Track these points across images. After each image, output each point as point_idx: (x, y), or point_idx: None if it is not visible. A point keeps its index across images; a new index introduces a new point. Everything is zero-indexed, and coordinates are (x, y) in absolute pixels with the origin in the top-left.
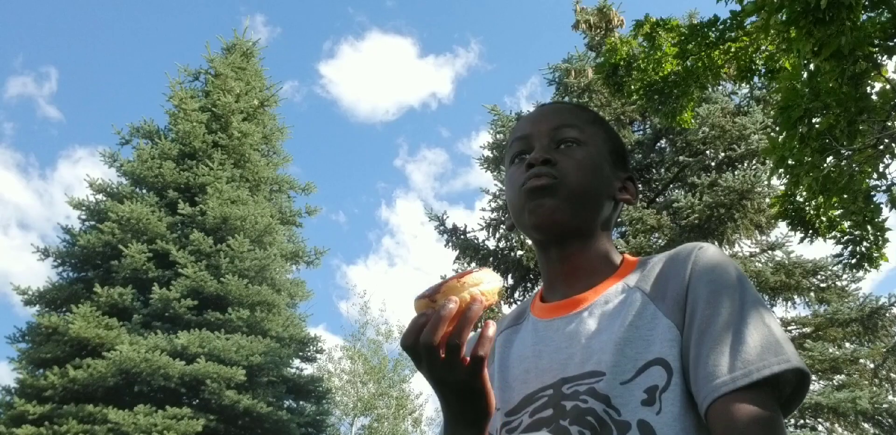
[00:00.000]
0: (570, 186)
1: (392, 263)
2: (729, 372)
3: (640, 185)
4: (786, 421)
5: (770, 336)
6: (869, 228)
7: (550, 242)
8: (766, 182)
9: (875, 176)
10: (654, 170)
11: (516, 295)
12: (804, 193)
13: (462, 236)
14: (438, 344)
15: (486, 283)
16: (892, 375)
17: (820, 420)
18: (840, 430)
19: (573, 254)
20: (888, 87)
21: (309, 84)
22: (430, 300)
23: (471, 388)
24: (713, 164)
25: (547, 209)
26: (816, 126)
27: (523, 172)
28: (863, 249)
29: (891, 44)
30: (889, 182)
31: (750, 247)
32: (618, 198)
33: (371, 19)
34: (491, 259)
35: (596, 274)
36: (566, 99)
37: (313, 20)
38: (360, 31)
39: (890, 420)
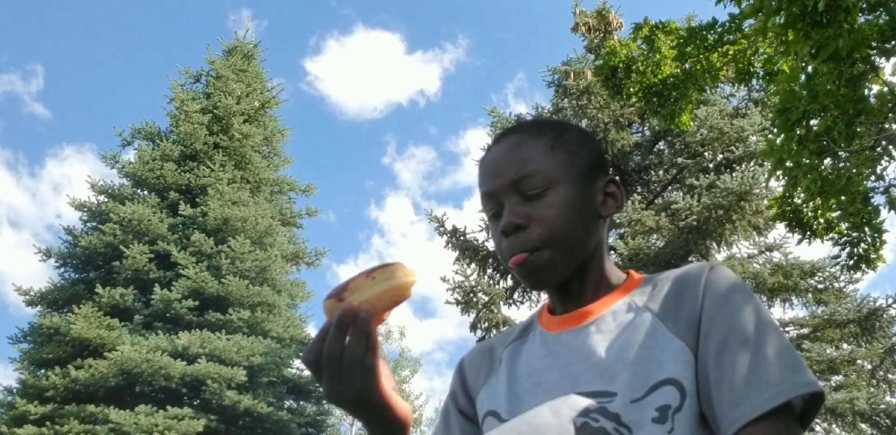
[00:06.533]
0: (554, 246)
1: (383, 262)
2: (755, 396)
3: (621, 190)
4: None
5: (789, 358)
6: (867, 229)
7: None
8: (764, 184)
9: (873, 178)
10: (652, 171)
11: (515, 295)
12: (802, 195)
13: (462, 237)
14: (339, 358)
15: (398, 277)
16: (889, 376)
17: (817, 421)
18: (837, 430)
19: (574, 287)
20: (886, 89)
21: (295, 81)
22: (338, 299)
23: (368, 400)
24: (711, 165)
25: (541, 284)
26: (814, 128)
27: (502, 238)
28: (860, 250)
29: (888, 46)
30: (886, 184)
31: (748, 248)
32: (603, 215)
33: (356, 13)
34: (490, 260)
35: (600, 290)
36: (565, 101)
37: (298, 14)
38: (345, 25)
39: (887, 421)
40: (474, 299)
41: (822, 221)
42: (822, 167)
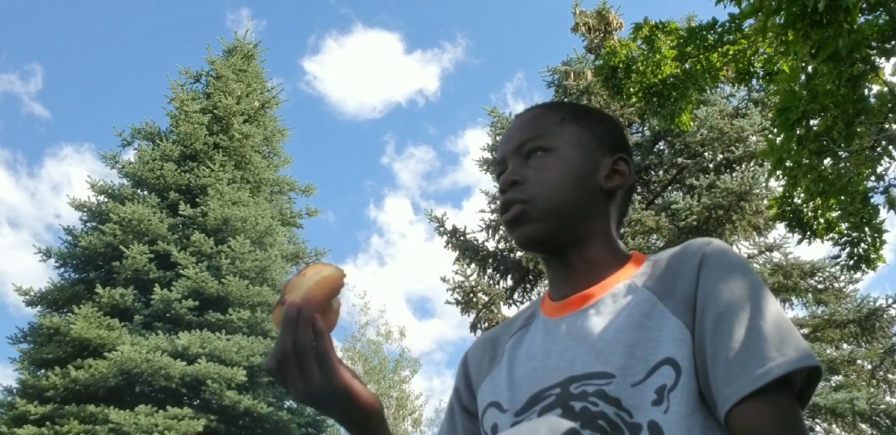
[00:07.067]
0: (542, 204)
1: (382, 262)
2: (749, 371)
3: (632, 168)
4: None
5: (786, 334)
6: (866, 229)
7: (547, 255)
8: (764, 184)
9: (873, 178)
10: (652, 172)
11: (515, 295)
12: (802, 195)
13: (462, 238)
14: (291, 351)
15: (328, 269)
16: (889, 376)
17: (817, 421)
18: (837, 430)
19: (573, 260)
20: (885, 89)
21: (293, 81)
22: (281, 304)
23: (332, 388)
24: (711, 166)
25: (524, 237)
26: (814, 128)
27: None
28: (860, 250)
29: (888, 46)
30: (886, 184)
31: (748, 248)
32: (605, 187)
33: (355, 12)
34: (490, 260)
35: (601, 270)
36: (564, 101)
37: (297, 13)
38: (344, 24)
39: (887, 421)
40: (474, 299)
41: (822, 221)
42: (822, 167)
